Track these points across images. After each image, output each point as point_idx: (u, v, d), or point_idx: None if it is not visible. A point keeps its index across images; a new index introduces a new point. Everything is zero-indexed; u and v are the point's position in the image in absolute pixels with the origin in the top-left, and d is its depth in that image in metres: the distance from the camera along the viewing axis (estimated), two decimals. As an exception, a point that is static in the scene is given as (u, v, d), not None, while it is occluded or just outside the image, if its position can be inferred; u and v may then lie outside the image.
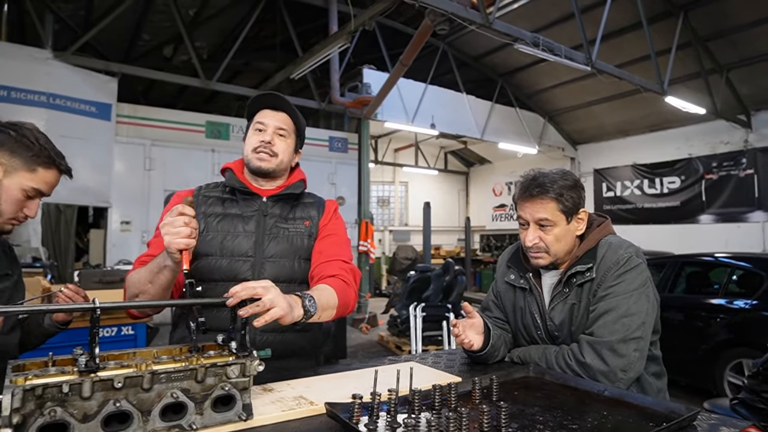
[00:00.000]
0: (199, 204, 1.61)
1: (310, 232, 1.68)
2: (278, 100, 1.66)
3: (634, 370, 1.43)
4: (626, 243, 1.56)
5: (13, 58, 6.57)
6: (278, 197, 1.67)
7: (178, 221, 1.25)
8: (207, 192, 1.67)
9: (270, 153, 1.61)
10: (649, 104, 10.35)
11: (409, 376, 1.18)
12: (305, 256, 1.65)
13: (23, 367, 0.93)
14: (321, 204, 1.77)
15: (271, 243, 1.61)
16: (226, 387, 1.01)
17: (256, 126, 1.64)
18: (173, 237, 1.24)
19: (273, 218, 1.64)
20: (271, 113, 1.65)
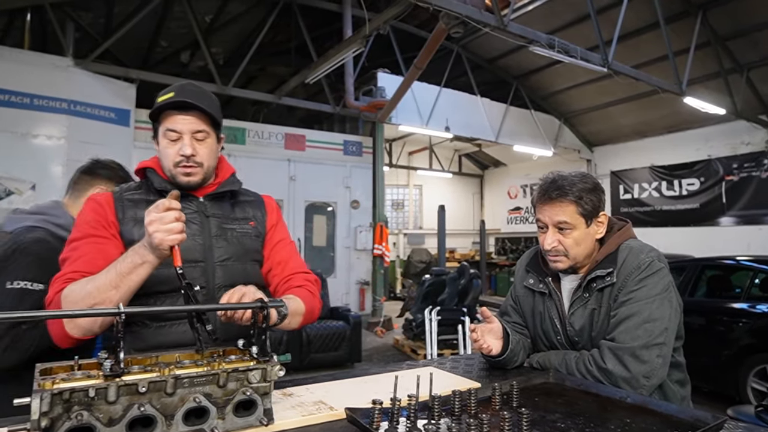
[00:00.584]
0: (125, 209, 1.41)
1: (258, 233, 1.57)
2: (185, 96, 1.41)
3: (657, 376, 1.40)
4: (648, 247, 1.54)
5: (36, 66, 6.72)
6: (215, 195, 1.52)
7: (168, 216, 1.18)
8: (130, 195, 1.46)
9: (194, 165, 1.43)
10: (666, 105, 10.20)
11: (429, 381, 1.17)
12: (256, 258, 1.55)
13: (50, 370, 0.95)
14: (261, 202, 1.64)
15: (219, 246, 1.46)
16: (247, 392, 1.01)
17: (169, 135, 1.41)
18: (166, 234, 1.17)
19: (217, 219, 1.49)
20: (180, 116, 1.41)
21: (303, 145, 9.37)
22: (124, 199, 1.44)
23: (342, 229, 9.60)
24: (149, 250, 1.20)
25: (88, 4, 7.59)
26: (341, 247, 9.57)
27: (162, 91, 1.46)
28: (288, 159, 9.17)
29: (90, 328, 1.24)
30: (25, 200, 6.42)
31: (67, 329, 1.23)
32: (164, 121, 1.42)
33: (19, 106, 6.52)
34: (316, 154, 9.44)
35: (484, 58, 11.58)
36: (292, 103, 9.54)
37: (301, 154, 9.30)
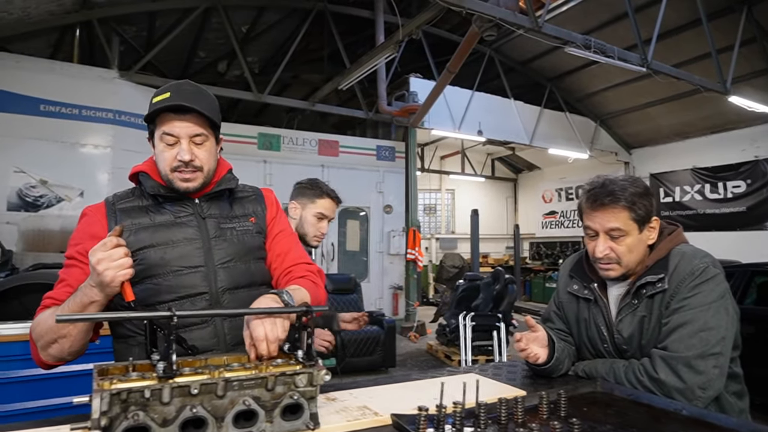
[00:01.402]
0: (118, 220, 1.37)
1: (259, 228, 1.52)
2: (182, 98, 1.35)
3: (714, 388, 1.34)
4: (701, 252, 1.48)
5: (84, 78, 7.02)
6: (211, 195, 1.47)
7: (117, 253, 1.15)
8: (122, 204, 1.42)
9: (193, 169, 1.38)
10: (709, 104, 9.82)
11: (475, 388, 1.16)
12: (259, 256, 1.50)
13: (107, 371, 0.99)
14: (260, 196, 1.60)
15: (219, 247, 1.42)
16: (294, 396, 1.02)
17: (166, 138, 1.36)
18: (116, 270, 1.14)
19: (214, 219, 1.45)
20: (178, 118, 1.35)
21: (336, 150, 9.45)
22: (116, 209, 1.40)
23: (375, 233, 9.62)
24: (98, 288, 1.16)
25: (132, 18, 7.88)
26: (374, 252, 9.59)
27: (157, 91, 1.39)
28: (322, 165, 9.26)
29: (59, 356, 1.24)
30: (74, 206, 6.70)
31: (41, 356, 1.24)
32: (160, 123, 1.36)
33: (68, 117, 6.81)
34: (349, 160, 9.50)
35: (517, 61, 11.44)
36: (325, 110, 9.64)
37: (334, 159, 9.38)
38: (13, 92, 6.49)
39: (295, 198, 2.33)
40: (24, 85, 6.57)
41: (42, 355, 1.24)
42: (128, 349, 1.35)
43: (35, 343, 1.24)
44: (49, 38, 7.66)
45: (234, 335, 1.37)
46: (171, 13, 7.95)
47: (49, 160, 6.60)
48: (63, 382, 2.63)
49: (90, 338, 1.29)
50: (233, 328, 1.38)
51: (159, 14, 7.99)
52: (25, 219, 6.42)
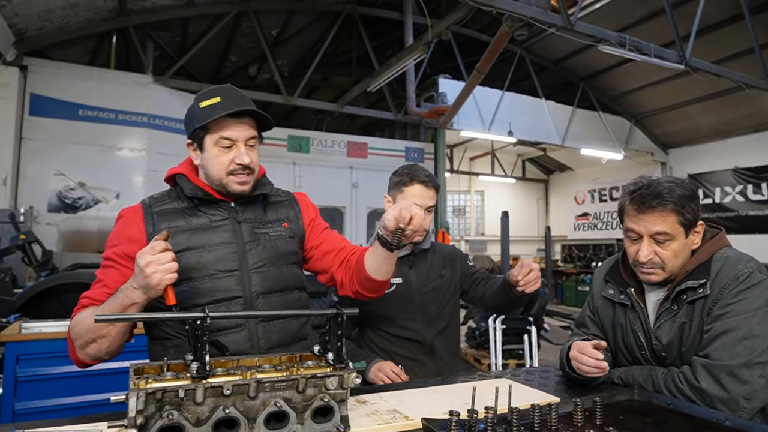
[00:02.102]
0: (154, 223, 1.39)
1: (292, 233, 1.52)
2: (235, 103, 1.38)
3: (759, 398, 1.27)
4: (746, 257, 1.41)
5: (120, 84, 7.25)
6: (247, 199, 1.48)
7: (165, 257, 1.17)
8: (159, 207, 1.44)
9: (248, 172, 1.42)
10: (752, 102, 9.45)
11: (507, 393, 1.13)
12: (292, 260, 1.51)
13: (142, 370, 1.00)
14: (294, 201, 1.61)
15: (254, 251, 1.43)
16: (325, 398, 1.02)
17: (222, 143, 1.38)
18: (163, 274, 1.16)
19: (249, 224, 1.46)
20: (235, 122, 1.38)
21: (365, 152, 9.49)
22: (153, 212, 1.42)
23: (403, 235, 9.60)
24: (141, 290, 1.18)
25: (166, 25, 8.10)
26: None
27: (201, 95, 1.42)
28: (350, 166, 9.31)
29: (96, 355, 1.27)
30: (110, 208, 6.92)
31: (78, 354, 1.28)
32: (215, 128, 1.38)
33: (105, 121, 7.05)
34: (378, 161, 9.52)
35: (548, 60, 11.25)
36: (354, 112, 9.69)
37: (363, 161, 9.42)
38: (53, 98, 6.77)
39: (388, 190, 2.06)
40: (64, 91, 6.84)
41: (80, 354, 1.27)
42: (164, 350, 1.37)
43: (73, 342, 1.27)
44: (87, 45, 7.94)
45: (267, 339, 1.38)
46: (203, 18, 8.13)
47: (87, 163, 6.85)
48: (101, 379, 2.71)
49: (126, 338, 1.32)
50: (267, 333, 1.39)
51: (192, 20, 8.19)
52: (64, 220, 6.66)
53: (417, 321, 1.97)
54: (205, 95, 1.40)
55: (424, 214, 1.46)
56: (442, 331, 2.02)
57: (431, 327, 1.99)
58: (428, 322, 1.99)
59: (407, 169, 2.01)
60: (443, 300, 2.05)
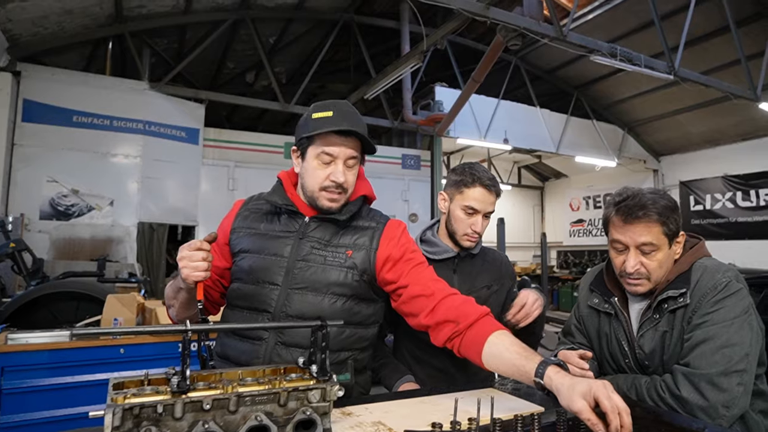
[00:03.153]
0: (243, 218, 1.52)
1: (353, 265, 1.42)
2: (346, 121, 1.38)
3: (738, 406, 1.29)
4: (724, 266, 1.42)
5: (116, 90, 7.25)
6: (323, 219, 1.46)
7: (196, 255, 1.26)
8: (254, 204, 1.54)
9: (341, 191, 1.42)
10: (740, 111, 9.54)
11: (489, 404, 1.13)
12: (339, 292, 1.41)
13: (122, 385, 0.99)
14: (378, 230, 1.49)
15: (300, 271, 1.40)
16: (307, 411, 1.01)
17: (323, 157, 1.39)
18: (191, 271, 1.25)
19: (311, 242, 1.43)
20: (339, 140, 1.38)
21: (361, 159, 9.50)
22: (247, 208, 1.55)
23: (399, 242, 9.60)
24: (181, 280, 1.30)
25: (163, 31, 8.11)
26: (399, 261, 9.56)
27: (316, 107, 1.42)
28: (346, 173, 9.31)
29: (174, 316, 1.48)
30: (104, 215, 6.89)
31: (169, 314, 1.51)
32: (320, 141, 1.38)
33: (100, 127, 7.04)
34: (374, 168, 9.53)
35: (543, 69, 11.33)
36: (350, 119, 9.71)
37: (359, 168, 9.42)
38: (47, 104, 6.75)
39: (446, 188, 1.93)
40: (58, 97, 6.82)
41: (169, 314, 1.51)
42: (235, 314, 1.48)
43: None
44: (83, 51, 7.94)
45: (282, 359, 1.37)
46: (201, 25, 8.15)
47: (81, 170, 6.82)
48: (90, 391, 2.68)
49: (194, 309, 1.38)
50: (280, 357, 1.37)
51: (189, 27, 8.20)
52: (56, 227, 6.63)
53: None
54: (320, 107, 1.41)
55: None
56: None
57: None
58: None
59: (469, 168, 1.86)
60: None
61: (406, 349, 1.91)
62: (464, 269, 1.90)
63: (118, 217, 6.97)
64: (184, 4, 7.39)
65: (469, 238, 1.84)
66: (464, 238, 1.84)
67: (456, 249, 1.88)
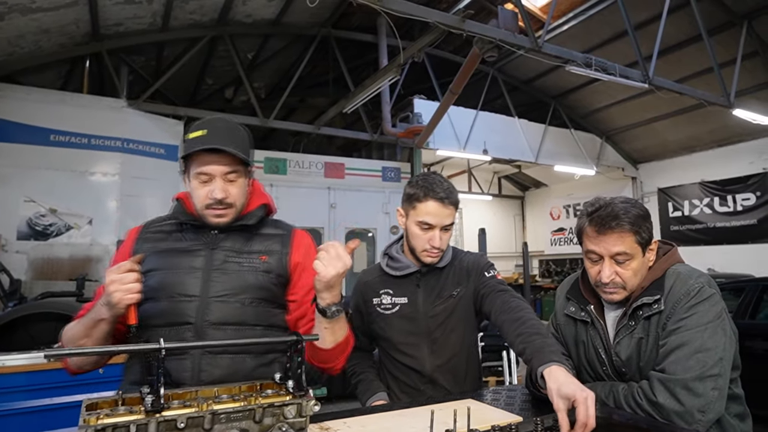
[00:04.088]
0: (143, 242, 1.47)
1: (269, 268, 1.47)
2: (217, 138, 1.39)
3: (714, 411, 1.31)
4: (696, 272, 1.46)
5: (94, 108, 7.18)
6: (231, 228, 1.48)
7: (128, 277, 1.22)
8: (154, 227, 1.51)
9: (225, 207, 1.43)
10: (715, 118, 9.81)
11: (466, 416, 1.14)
12: (259, 296, 1.44)
13: (96, 405, 0.99)
14: (287, 237, 1.55)
15: (218, 280, 1.41)
16: (283, 427, 1.02)
17: (200, 177, 1.41)
18: (124, 293, 1.21)
19: (223, 252, 1.45)
20: (212, 158, 1.39)
21: (342, 172, 9.53)
22: (146, 231, 1.51)
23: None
24: (107, 308, 1.24)
25: (141, 49, 8.08)
26: (382, 273, 9.55)
27: (192, 127, 1.45)
28: (328, 187, 9.32)
29: (80, 366, 1.37)
30: (82, 234, 6.78)
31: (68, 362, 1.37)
32: (195, 161, 1.41)
33: (78, 146, 6.95)
34: (355, 182, 9.56)
35: (520, 80, 11.53)
36: (330, 133, 9.76)
37: (340, 181, 9.45)
38: (24, 123, 6.65)
39: (401, 203, 1.87)
40: (35, 116, 6.73)
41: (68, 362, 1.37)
42: (131, 366, 1.43)
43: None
44: (60, 70, 7.87)
45: (210, 373, 1.34)
46: (178, 42, 8.15)
47: (59, 189, 6.71)
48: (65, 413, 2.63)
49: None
50: (211, 366, 1.34)
51: (167, 44, 8.19)
52: (34, 248, 6.50)
53: (420, 348, 1.81)
54: (195, 127, 1.45)
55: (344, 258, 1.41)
56: (447, 361, 1.82)
57: (435, 356, 1.80)
58: (432, 350, 1.80)
59: (423, 180, 1.80)
60: (452, 324, 1.83)
61: (383, 364, 1.93)
62: (428, 283, 1.86)
63: (97, 235, 6.86)
64: (161, 21, 7.38)
65: (429, 254, 1.78)
66: (424, 255, 1.79)
67: (418, 264, 1.85)
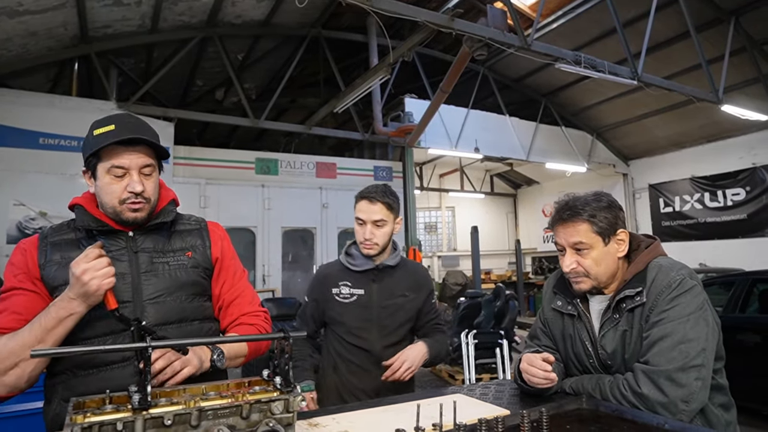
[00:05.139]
0: (47, 253, 1.36)
1: (196, 263, 1.48)
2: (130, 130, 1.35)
3: (697, 401, 1.33)
4: (678, 264, 1.48)
5: (83, 111, 7.11)
6: (148, 228, 1.44)
7: (100, 263, 1.20)
8: (56, 237, 1.40)
9: (142, 201, 1.38)
10: (704, 114, 9.91)
11: (453, 410, 1.16)
12: (193, 291, 1.45)
13: (83, 404, 0.99)
14: (204, 230, 1.56)
15: (149, 282, 1.38)
16: (270, 423, 1.03)
17: (114, 171, 1.35)
18: (101, 279, 1.19)
19: (147, 253, 1.42)
20: (127, 150, 1.35)
21: (334, 172, 9.53)
22: (48, 242, 1.39)
23: (375, 254, 9.60)
24: (79, 300, 1.20)
25: (130, 51, 8.04)
26: (375, 273, 9.56)
27: (97, 123, 1.39)
28: (320, 187, 9.32)
29: (15, 385, 1.23)
30: (72, 238, 6.73)
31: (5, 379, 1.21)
32: (107, 156, 1.35)
33: (68, 149, 6.90)
34: (347, 181, 9.56)
35: (510, 78, 11.58)
36: (322, 133, 9.74)
37: (332, 181, 9.45)
38: (13, 127, 6.60)
39: None
40: (24, 119, 6.68)
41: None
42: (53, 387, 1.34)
43: None
44: (48, 73, 7.81)
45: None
46: (168, 44, 8.11)
47: (49, 192, 6.65)
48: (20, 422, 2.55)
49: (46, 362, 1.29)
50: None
51: (156, 46, 8.15)
52: (25, 252, 6.44)
53: (371, 332, 2.08)
54: (100, 123, 1.38)
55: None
56: (394, 344, 2.10)
57: (383, 339, 2.09)
58: (382, 334, 2.09)
59: (365, 188, 2.14)
60: (401, 319, 2.14)
61: (331, 344, 2.15)
62: (383, 279, 2.13)
63: (87, 239, 6.82)
64: (150, 23, 7.35)
65: (365, 245, 2.07)
66: (362, 247, 2.09)
67: (374, 262, 2.11)
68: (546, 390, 1.54)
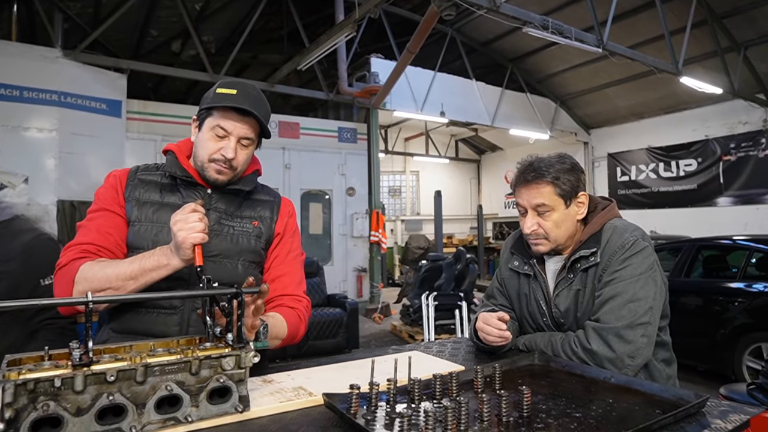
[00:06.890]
0: (133, 188, 1.45)
1: (259, 233, 1.52)
2: (248, 101, 1.41)
3: (642, 356, 1.40)
4: (632, 226, 1.52)
5: (25, 57, 6.63)
6: (225, 191, 1.50)
7: (192, 217, 1.24)
8: (144, 175, 1.49)
9: (229, 168, 1.44)
10: (664, 86, 10.13)
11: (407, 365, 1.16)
12: (251, 259, 1.49)
13: (19, 361, 0.94)
14: (276, 204, 1.61)
15: (212, 241, 1.40)
16: (221, 379, 1.00)
17: (217, 130, 1.41)
18: (188, 232, 1.22)
19: (217, 213, 1.47)
20: (237, 117, 1.41)
21: (297, 132, 9.31)
22: (137, 177, 1.47)
23: (338, 216, 9.57)
24: (174, 252, 1.25)
25: (76, -6, 7.47)
26: (338, 235, 9.55)
27: (222, 82, 1.45)
28: (282, 147, 9.11)
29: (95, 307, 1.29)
30: (18, 193, 6.37)
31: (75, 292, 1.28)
32: (217, 114, 1.41)
33: (9, 99, 6.44)
34: (310, 142, 9.38)
35: (478, 42, 11.47)
36: (285, 91, 9.44)
37: (295, 142, 9.24)
38: (-55, 72, 6.10)
39: None
40: (-43, 65, 6.18)
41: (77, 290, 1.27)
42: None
43: (72, 284, 1.26)
44: (-15, 15, 7.21)
45: (198, 328, 1.35)
46: (118, -12, 7.57)
47: (-11, 145, 6.26)
48: None
49: None
50: (199, 321, 1.35)
51: (106, -10, 7.60)
52: (-35, 207, 6.08)
53: None
54: (227, 84, 1.44)
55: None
56: None
57: None
58: None
59: None
60: None
61: None
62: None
63: (34, 194, 6.47)
64: (98, -36, 6.83)
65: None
66: None
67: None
68: (501, 347, 1.58)
